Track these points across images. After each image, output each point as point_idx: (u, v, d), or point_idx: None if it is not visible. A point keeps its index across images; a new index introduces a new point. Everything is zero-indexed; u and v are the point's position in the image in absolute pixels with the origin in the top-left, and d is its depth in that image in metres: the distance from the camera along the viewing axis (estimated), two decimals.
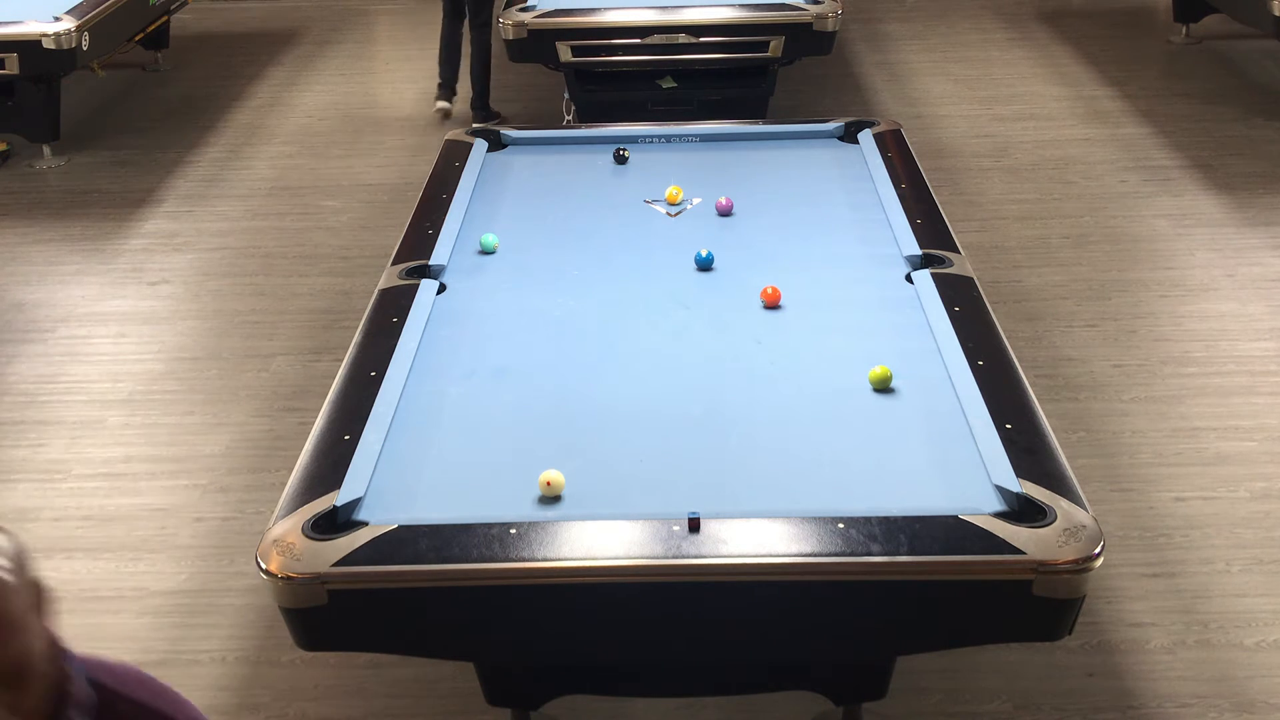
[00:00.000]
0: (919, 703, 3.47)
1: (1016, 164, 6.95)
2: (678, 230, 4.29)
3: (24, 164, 7.28)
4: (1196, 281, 5.68)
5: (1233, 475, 4.38)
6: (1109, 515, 4.11)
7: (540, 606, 2.73)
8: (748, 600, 2.72)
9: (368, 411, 3.18)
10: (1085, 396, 4.86)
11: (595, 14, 6.74)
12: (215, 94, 8.37)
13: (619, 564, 2.67)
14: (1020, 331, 5.21)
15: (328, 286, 5.86)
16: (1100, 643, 3.68)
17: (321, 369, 5.10)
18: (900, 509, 2.76)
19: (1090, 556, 2.63)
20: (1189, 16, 8.64)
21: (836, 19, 6.70)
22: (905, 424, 3.16)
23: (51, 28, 6.70)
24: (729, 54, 6.73)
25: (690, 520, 2.71)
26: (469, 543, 2.69)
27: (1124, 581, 3.90)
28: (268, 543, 2.73)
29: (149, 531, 4.24)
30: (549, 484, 2.87)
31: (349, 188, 6.90)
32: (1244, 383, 4.92)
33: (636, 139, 4.98)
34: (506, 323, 3.73)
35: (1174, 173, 6.75)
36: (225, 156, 7.39)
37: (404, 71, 8.75)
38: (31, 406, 4.99)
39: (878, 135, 4.88)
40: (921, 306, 3.68)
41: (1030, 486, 2.80)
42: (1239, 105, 7.60)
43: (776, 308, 3.72)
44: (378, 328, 3.62)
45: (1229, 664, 3.61)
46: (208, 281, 5.96)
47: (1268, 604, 3.83)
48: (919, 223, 4.14)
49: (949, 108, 7.77)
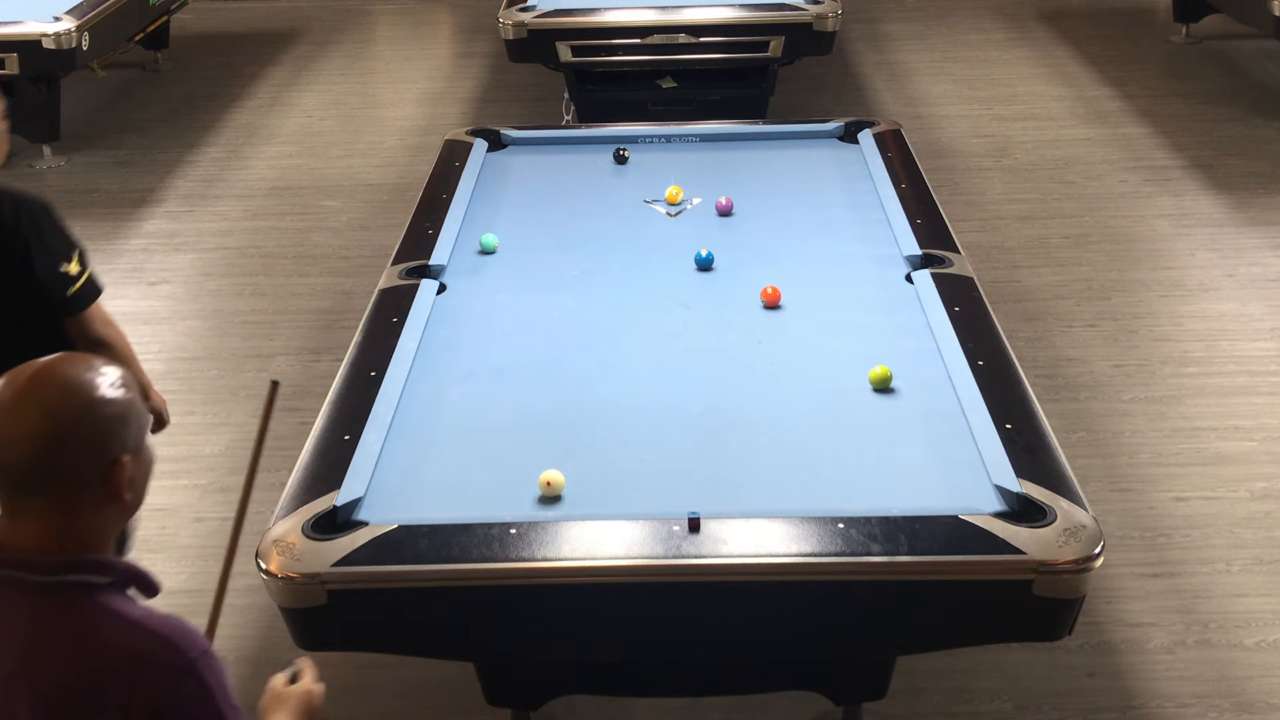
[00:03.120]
0: (919, 703, 3.47)
1: (1016, 164, 6.95)
2: (678, 230, 4.28)
3: (24, 164, 7.28)
4: (1196, 281, 5.68)
5: (1233, 475, 4.38)
6: (1109, 515, 4.11)
7: (540, 606, 2.73)
8: (748, 600, 2.72)
9: (368, 412, 3.18)
10: (1085, 396, 4.86)
11: (595, 14, 6.74)
12: (215, 94, 8.37)
13: (619, 564, 2.67)
14: (1020, 331, 5.21)
15: (328, 286, 5.86)
16: (1100, 643, 3.68)
17: (321, 369, 5.10)
18: (900, 509, 2.76)
19: (1090, 556, 2.63)
20: (1189, 16, 8.64)
21: (836, 19, 6.70)
22: (905, 424, 3.16)
23: (51, 28, 6.70)
24: (729, 54, 6.73)
25: (690, 520, 2.71)
26: (469, 543, 2.69)
27: (1124, 581, 3.90)
28: (268, 543, 2.73)
29: (149, 531, 4.24)
30: (549, 484, 2.87)
31: (349, 188, 6.90)
32: (1244, 383, 4.92)
33: (636, 139, 4.98)
34: (506, 323, 3.73)
35: (1174, 173, 6.75)
36: (225, 156, 7.39)
37: (404, 71, 8.75)
38: None
39: (878, 135, 4.88)
40: (921, 306, 3.68)
41: (1030, 486, 2.80)
42: (1239, 105, 7.60)
43: (776, 308, 3.72)
44: (378, 328, 3.62)
45: (1229, 664, 3.61)
46: (208, 281, 5.96)
47: (1268, 604, 3.83)
48: (919, 223, 4.14)
49: (949, 108, 7.77)
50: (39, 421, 1.73)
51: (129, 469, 1.79)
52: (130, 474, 1.80)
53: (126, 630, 1.75)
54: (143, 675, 1.72)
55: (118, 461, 1.77)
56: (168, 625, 1.77)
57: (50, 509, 1.75)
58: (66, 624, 1.74)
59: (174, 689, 1.73)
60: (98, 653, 1.73)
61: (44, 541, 1.76)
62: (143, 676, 1.72)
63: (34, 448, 1.73)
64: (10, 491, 1.76)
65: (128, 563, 1.82)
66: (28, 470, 1.74)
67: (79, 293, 3.07)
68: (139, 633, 1.75)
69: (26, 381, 1.77)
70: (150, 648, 1.74)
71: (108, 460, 1.76)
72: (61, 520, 1.76)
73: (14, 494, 1.76)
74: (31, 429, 1.73)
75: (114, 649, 1.73)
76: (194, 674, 1.74)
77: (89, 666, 1.72)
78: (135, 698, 1.71)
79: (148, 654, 1.73)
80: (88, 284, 3.09)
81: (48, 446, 1.73)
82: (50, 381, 1.76)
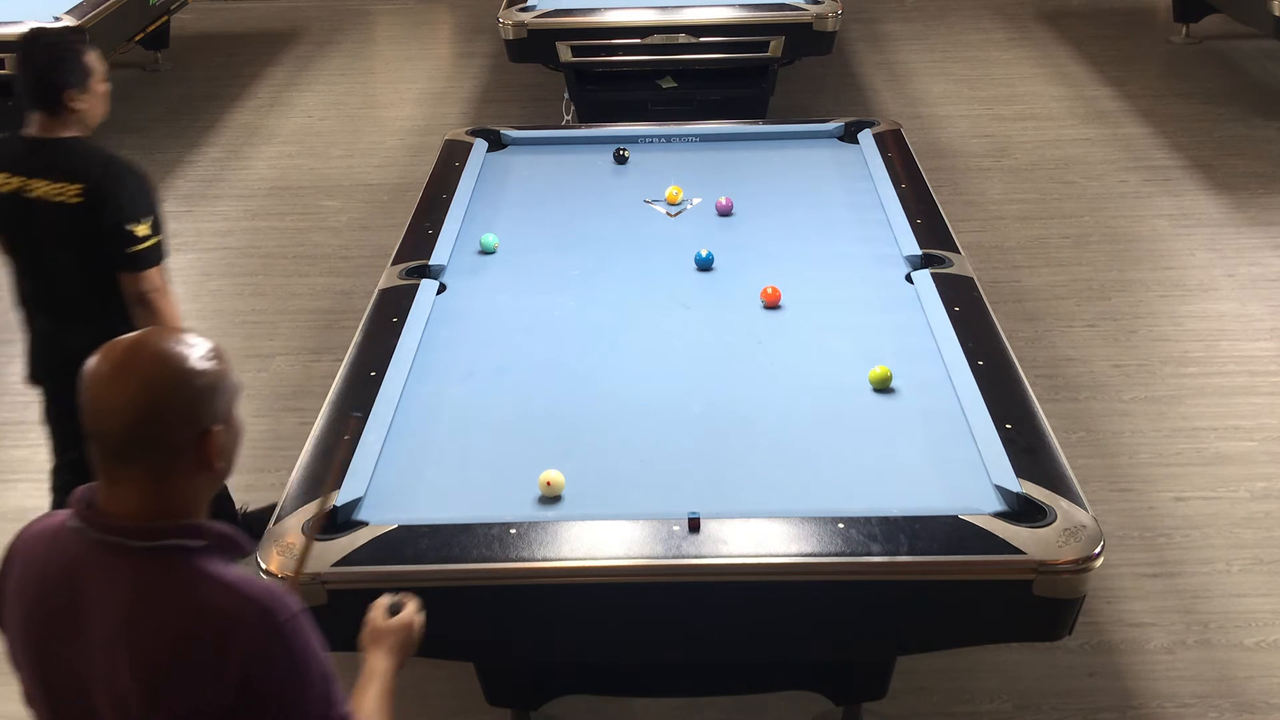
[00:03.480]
0: (919, 703, 3.48)
1: (1016, 164, 6.95)
2: (678, 230, 4.28)
3: None
4: (1196, 281, 5.68)
5: (1233, 475, 4.38)
6: (1109, 515, 4.11)
7: (540, 606, 2.73)
8: (748, 600, 2.72)
9: (367, 412, 3.18)
10: (1085, 396, 4.86)
11: (595, 14, 6.74)
12: (215, 94, 8.37)
13: (619, 564, 2.67)
14: (1020, 331, 5.21)
15: (328, 286, 5.86)
16: (1100, 643, 3.68)
17: (321, 369, 5.10)
18: (900, 509, 2.76)
19: (1090, 556, 2.63)
20: (1189, 16, 8.64)
21: (836, 19, 6.70)
22: (905, 424, 3.16)
23: (51, 28, 6.69)
24: (729, 54, 6.73)
25: (690, 520, 2.71)
26: (469, 543, 2.69)
27: (1124, 581, 3.90)
28: (268, 543, 2.73)
29: None
30: (549, 484, 2.87)
31: (349, 188, 6.90)
32: (1244, 383, 4.92)
33: (636, 139, 4.98)
34: (506, 323, 3.73)
35: (1174, 173, 6.75)
36: (225, 156, 7.39)
37: (404, 71, 8.75)
38: (31, 406, 4.96)
39: (878, 135, 4.88)
40: (921, 306, 3.68)
41: (1030, 486, 2.80)
42: (1239, 105, 7.60)
43: (776, 307, 3.72)
44: (378, 328, 3.62)
45: (1229, 664, 3.61)
46: (208, 281, 5.96)
47: (1268, 604, 3.83)
48: (919, 223, 4.14)
49: (949, 108, 7.78)
50: (136, 393, 1.79)
51: (220, 438, 1.85)
52: (221, 443, 1.86)
53: (221, 592, 1.80)
54: (235, 636, 1.77)
55: (210, 431, 1.84)
56: (260, 588, 1.83)
57: (147, 476, 1.82)
58: (164, 587, 1.80)
59: (264, 650, 1.78)
60: (194, 614, 1.78)
61: (141, 508, 1.82)
62: (235, 637, 1.77)
63: (132, 418, 1.79)
64: (110, 460, 1.82)
65: (221, 526, 1.87)
66: (126, 439, 1.80)
67: (141, 253, 3.44)
68: (233, 595, 1.80)
69: (123, 354, 1.83)
70: (243, 610, 1.79)
71: (200, 430, 1.83)
72: (157, 488, 1.82)
73: (113, 462, 1.82)
74: (129, 400, 1.79)
75: (209, 610, 1.79)
76: (283, 636, 1.79)
77: (186, 628, 1.78)
78: (228, 658, 1.76)
79: (240, 615, 1.78)
80: (152, 249, 3.47)
81: (145, 416, 1.79)
82: (146, 354, 1.83)
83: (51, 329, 3.65)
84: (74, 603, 1.83)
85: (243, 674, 1.76)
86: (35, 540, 1.92)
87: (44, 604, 1.86)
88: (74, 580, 1.84)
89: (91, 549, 1.83)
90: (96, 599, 1.81)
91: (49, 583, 1.86)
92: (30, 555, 1.90)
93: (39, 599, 1.87)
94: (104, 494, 1.84)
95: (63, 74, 3.40)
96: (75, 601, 1.83)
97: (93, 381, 1.82)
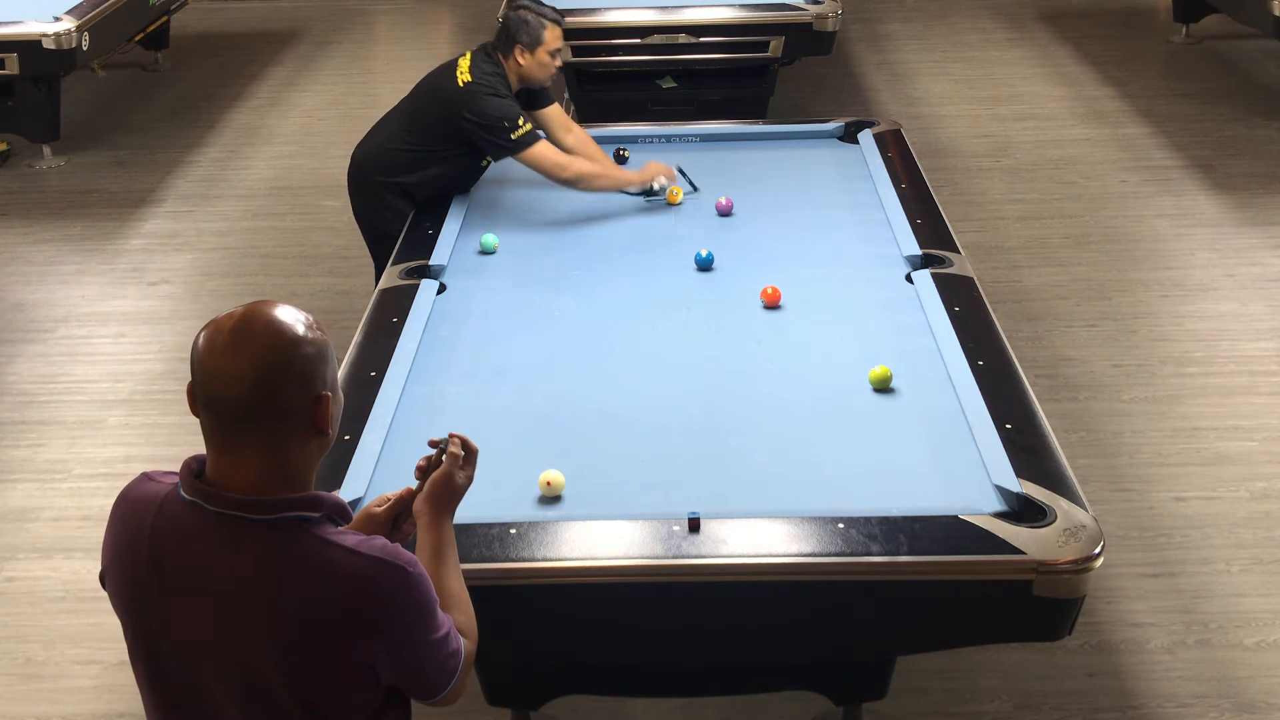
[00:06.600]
0: (919, 703, 3.47)
1: (1016, 164, 6.95)
2: (678, 230, 4.29)
3: (24, 164, 7.28)
4: (1196, 281, 5.68)
5: (1233, 475, 4.38)
6: (1109, 515, 4.11)
7: (540, 606, 2.73)
8: (748, 600, 2.72)
9: (368, 412, 3.18)
10: (1085, 396, 4.86)
11: (595, 14, 6.73)
12: (215, 94, 8.37)
13: (619, 564, 2.67)
14: (1020, 331, 5.20)
15: (328, 286, 5.86)
16: (1100, 643, 3.68)
17: None
18: (900, 509, 2.75)
19: (1090, 556, 2.63)
20: (1189, 16, 8.64)
21: (836, 19, 6.70)
22: (905, 424, 3.16)
23: (51, 28, 6.70)
24: (729, 54, 6.73)
25: (690, 520, 2.71)
26: (469, 543, 2.69)
27: (1124, 581, 3.90)
28: None
29: None
30: (549, 484, 2.87)
31: None
32: (1244, 383, 4.92)
33: (636, 139, 4.99)
34: (506, 323, 3.73)
35: (1174, 173, 6.75)
36: (225, 156, 7.39)
37: (404, 71, 8.73)
38: (31, 406, 4.99)
39: (878, 135, 4.88)
40: (921, 306, 3.68)
41: (1030, 486, 2.80)
42: (1239, 105, 7.61)
43: (776, 308, 3.72)
44: (378, 328, 3.62)
45: (1229, 664, 3.61)
46: (208, 281, 5.96)
47: (1268, 604, 3.83)
48: (919, 223, 4.14)
49: (949, 108, 7.78)
50: (253, 360, 1.86)
51: (330, 404, 1.93)
52: (331, 409, 1.94)
53: (347, 556, 1.90)
54: (368, 593, 1.89)
55: (321, 397, 1.91)
56: (380, 546, 1.94)
57: (264, 443, 1.89)
58: (293, 557, 1.89)
59: (395, 601, 1.91)
60: (326, 579, 1.89)
61: (258, 478, 1.89)
62: (369, 594, 1.89)
63: (250, 384, 1.86)
64: (227, 428, 1.89)
65: (333, 497, 1.98)
66: (245, 405, 1.86)
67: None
68: (358, 557, 1.91)
69: (237, 323, 1.89)
70: (371, 569, 1.90)
71: (313, 395, 1.90)
72: (273, 457, 1.90)
73: (231, 430, 1.89)
74: (247, 367, 1.86)
75: (341, 574, 1.89)
76: (410, 585, 1.93)
77: (320, 593, 1.88)
78: (363, 613, 1.89)
79: (369, 574, 1.90)
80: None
81: (262, 382, 1.86)
82: (258, 323, 1.89)
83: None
84: (187, 573, 1.90)
85: (379, 625, 1.90)
86: (140, 508, 1.97)
87: (155, 571, 1.92)
88: (188, 552, 1.90)
89: (208, 521, 1.90)
90: (217, 570, 1.89)
91: (157, 551, 1.92)
92: (137, 525, 1.96)
93: (147, 563, 1.92)
94: (218, 464, 1.91)
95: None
96: (188, 571, 1.90)
97: (208, 354, 1.87)
